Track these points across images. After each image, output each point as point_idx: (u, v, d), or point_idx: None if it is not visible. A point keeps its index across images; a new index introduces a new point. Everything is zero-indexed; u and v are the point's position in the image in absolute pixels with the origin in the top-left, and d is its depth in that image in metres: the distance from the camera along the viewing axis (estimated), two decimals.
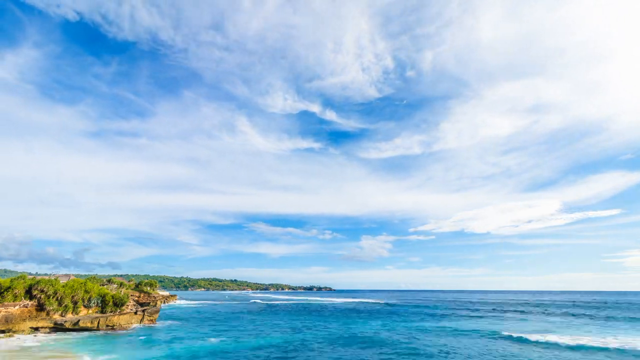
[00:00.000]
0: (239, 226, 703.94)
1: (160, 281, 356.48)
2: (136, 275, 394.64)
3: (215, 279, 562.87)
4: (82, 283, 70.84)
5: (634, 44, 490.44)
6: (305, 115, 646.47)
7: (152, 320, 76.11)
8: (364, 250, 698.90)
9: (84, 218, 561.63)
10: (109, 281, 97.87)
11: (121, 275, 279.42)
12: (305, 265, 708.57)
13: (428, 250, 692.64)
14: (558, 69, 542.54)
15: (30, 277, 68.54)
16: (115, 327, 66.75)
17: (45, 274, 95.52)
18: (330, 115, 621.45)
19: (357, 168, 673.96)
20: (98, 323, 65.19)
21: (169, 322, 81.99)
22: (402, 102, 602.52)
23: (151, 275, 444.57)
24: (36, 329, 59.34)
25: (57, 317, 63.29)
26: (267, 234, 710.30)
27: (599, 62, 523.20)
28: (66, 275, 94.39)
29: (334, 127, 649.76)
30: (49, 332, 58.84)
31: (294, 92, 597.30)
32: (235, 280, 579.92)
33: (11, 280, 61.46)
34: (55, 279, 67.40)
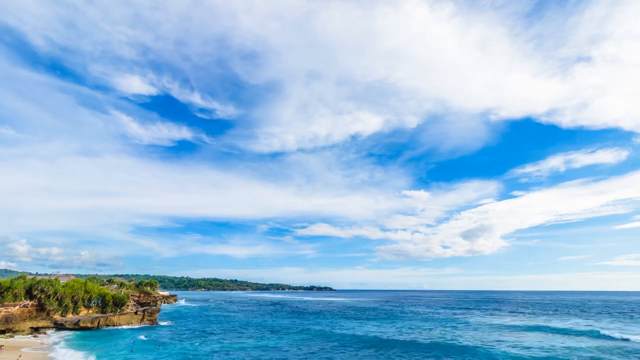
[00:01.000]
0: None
1: (160, 281, 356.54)
2: (137, 275, 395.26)
3: (215, 279, 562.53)
4: (82, 283, 70.84)
5: None
6: None
7: (152, 320, 76.04)
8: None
9: None
10: (110, 281, 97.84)
11: (122, 275, 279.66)
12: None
13: None
14: None
15: (31, 277, 68.54)
16: (115, 326, 66.76)
17: (46, 274, 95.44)
18: None
19: None
20: (98, 323, 65.22)
21: (169, 322, 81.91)
22: None
23: (152, 275, 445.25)
24: (36, 329, 59.33)
25: (57, 317, 63.28)
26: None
27: None
28: (66, 275, 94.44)
29: None
30: (49, 332, 58.83)
31: None
32: (235, 280, 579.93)
33: (11, 280, 61.48)
34: (56, 279, 67.41)
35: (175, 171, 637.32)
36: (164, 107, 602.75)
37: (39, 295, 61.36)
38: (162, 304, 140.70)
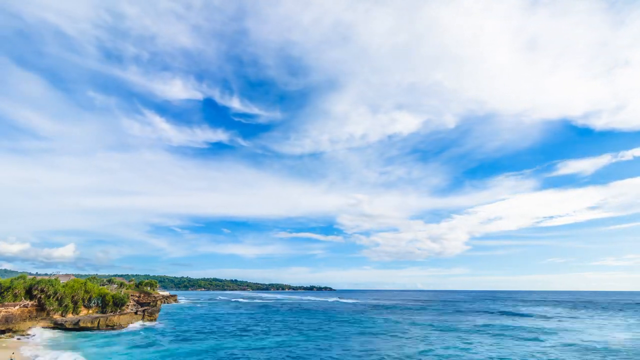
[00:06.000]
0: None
1: (161, 281, 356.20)
2: (136, 275, 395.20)
3: (215, 279, 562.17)
4: (82, 283, 70.80)
5: None
6: None
7: (152, 320, 76.07)
8: None
9: None
10: (110, 281, 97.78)
11: (121, 275, 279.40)
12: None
13: None
14: None
15: (31, 277, 68.46)
16: (115, 327, 66.69)
17: (46, 274, 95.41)
18: None
19: None
20: (98, 323, 65.13)
21: (169, 322, 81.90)
22: None
23: (152, 275, 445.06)
24: (36, 329, 59.25)
25: (57, 317, 63.23)
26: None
27: None
28: (66, 275, 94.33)
29: None
30: (49, 331, 58.77)
31: None
32: (235, 280, 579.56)
33: (11, 280, 61.41)
34: (56, 279, 67.35)
35: (209, 169, 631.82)
36: (202, 111, 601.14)
37: (39, 295, 61.32)
38: (162, 304, 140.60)
